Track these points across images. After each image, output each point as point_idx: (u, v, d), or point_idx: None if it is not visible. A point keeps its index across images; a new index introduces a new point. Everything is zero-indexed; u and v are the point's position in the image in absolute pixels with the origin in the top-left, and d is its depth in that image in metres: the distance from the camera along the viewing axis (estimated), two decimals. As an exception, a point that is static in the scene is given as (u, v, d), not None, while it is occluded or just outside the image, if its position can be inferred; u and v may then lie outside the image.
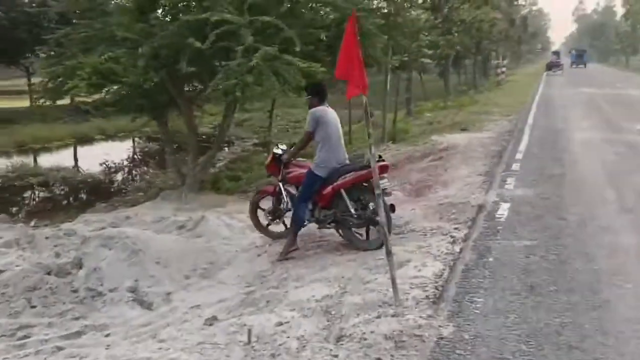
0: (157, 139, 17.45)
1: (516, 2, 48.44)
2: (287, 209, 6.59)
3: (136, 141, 21.57)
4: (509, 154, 11.00)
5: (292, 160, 6.54)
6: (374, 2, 14.37)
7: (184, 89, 10.48)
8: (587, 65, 66.67)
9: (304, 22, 9.50)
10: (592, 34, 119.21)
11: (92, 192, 13.32)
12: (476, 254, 5.58)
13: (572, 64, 66.90)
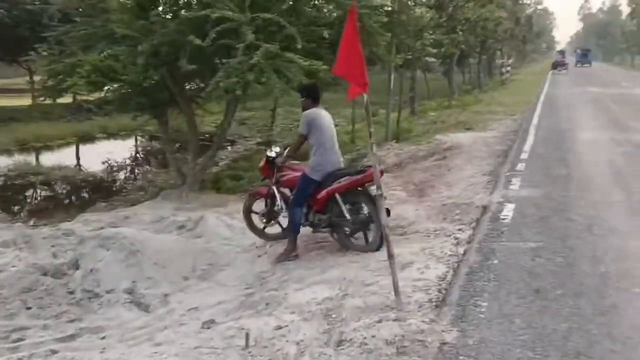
0: (160, 138, 17.34)
1: (521, 1, 48.25)
2: (281, 210, 6.52)
3: (138, 140, 21.47)
4: (514, 154, 10.86)
5: (285, 163, 6.49)
6: (377, -1, 14.21)
7: (185, 87, 10.38)
8: (592, 64, 67.37)
9: (306, 19, 9.40)
10: (597, 33, 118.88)
11: (93, 191, 13.21)
12: (480, 256, 5.46)
13: (576, 63, 67.69)
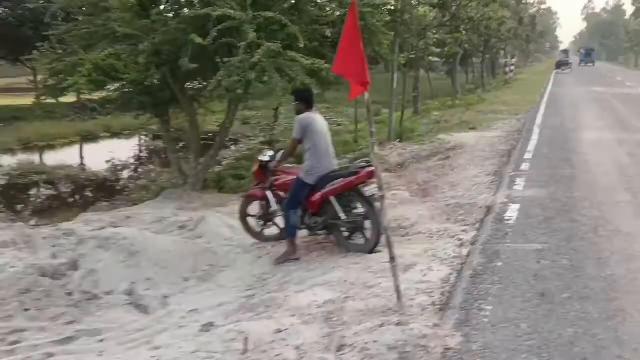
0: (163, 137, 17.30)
1: (525, 1, 48.10)
2: (276, 212, 6.49)
3: (142, 139, 21.43)
4: (518, 154, 10.77)
5: (279, 167, 6.46)
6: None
7: (186, 86, 10.31)
8: (595, 63, 67.92)
9: (308, 18, 9.30)
10: (601, 32, 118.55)
11: (95, 191, 13.18)
12: (484, 257, 5.38)
13: (580, 62, 68.53)
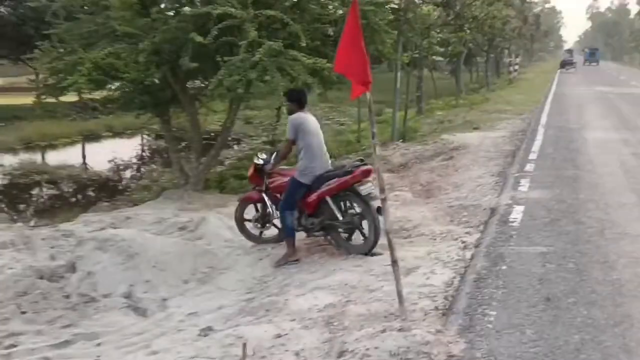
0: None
1: (529, 0, 47.90)
2: (273, 214, 6.42)
3: (144, 138, 21.37)
4: (523, 154, 10.65)
5: (274, 169, 6.39)
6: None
7: (187, 85, 10.23)
8: (599, 63, 68.06)
9: (310, 16, 9.21)
10: (606, 32, 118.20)
11: (97, 191, 13.12)
12: (489, 261, 5.27)
13: (585, 62, 68.57)
